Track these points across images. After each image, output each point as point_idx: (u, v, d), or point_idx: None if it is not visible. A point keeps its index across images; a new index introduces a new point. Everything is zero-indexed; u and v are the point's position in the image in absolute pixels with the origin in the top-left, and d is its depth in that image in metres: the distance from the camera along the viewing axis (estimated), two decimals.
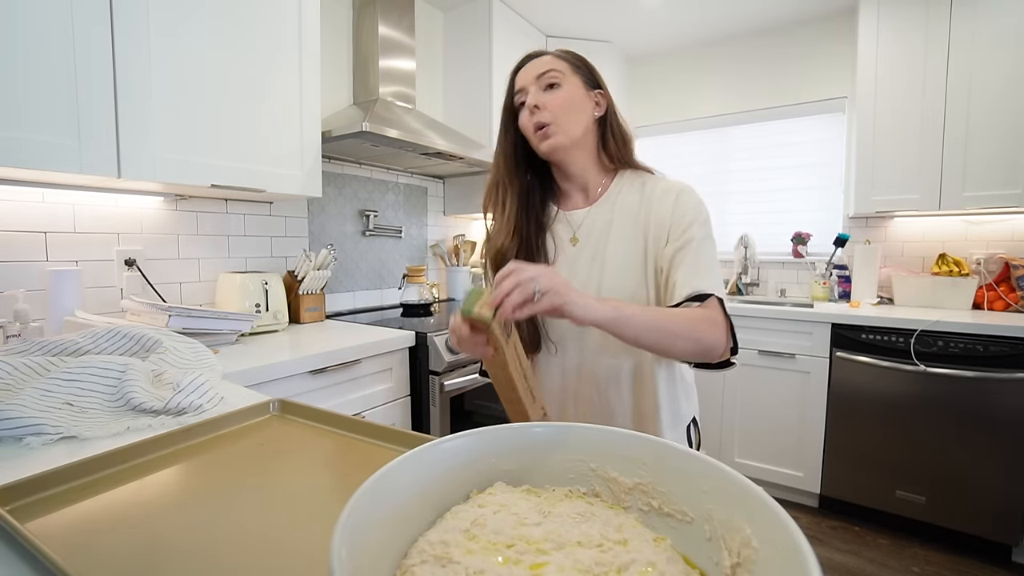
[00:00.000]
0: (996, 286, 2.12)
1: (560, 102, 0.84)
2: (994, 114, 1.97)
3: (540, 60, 0.87)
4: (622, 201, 0.88)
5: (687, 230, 0.81)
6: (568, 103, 0.85)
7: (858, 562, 1.87)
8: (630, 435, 0.42)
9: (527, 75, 0.87)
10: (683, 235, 0.81)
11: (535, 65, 0.87)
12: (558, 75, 0.85)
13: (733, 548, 0.32)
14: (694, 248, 0.80)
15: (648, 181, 0.89)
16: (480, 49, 2.38)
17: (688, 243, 0.80)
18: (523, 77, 0.87)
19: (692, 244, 0.80)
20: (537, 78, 0.85)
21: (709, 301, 0.76)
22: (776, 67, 2.72)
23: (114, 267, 1.43)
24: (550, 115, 0.84)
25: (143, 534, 0.44)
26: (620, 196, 0.89)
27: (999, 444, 1.78)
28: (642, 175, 0.90)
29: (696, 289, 0.76)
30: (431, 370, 1.63)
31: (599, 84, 0.90)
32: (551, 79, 0.85)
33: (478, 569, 0.30)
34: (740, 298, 2.69)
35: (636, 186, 0.89)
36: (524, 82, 0.87)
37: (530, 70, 0.87)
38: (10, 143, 0.98)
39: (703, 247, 0.80)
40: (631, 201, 0.88)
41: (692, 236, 0.80)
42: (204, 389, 0.79)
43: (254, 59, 1.41)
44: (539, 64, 0.86)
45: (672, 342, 0.71)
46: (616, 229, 0.87)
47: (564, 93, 0.85)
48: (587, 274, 0.87)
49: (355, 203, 2.15)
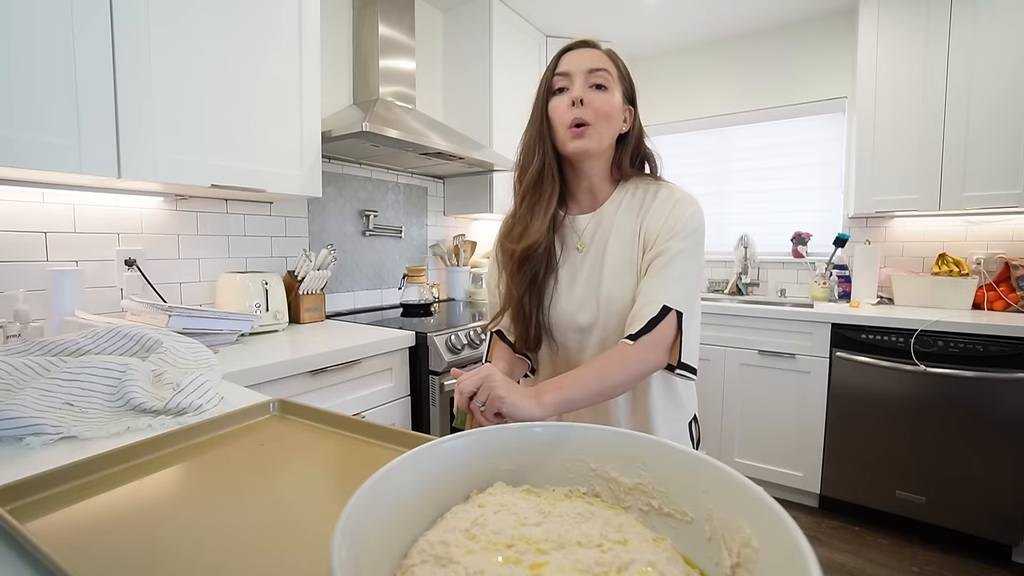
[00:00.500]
0: (996, 286, 2.12)
1: (605, 107, 0.82)
2: (994, 114, 1.97)
3: (593, 52, 0.83)
4: (624, 208, 0.87)
5: (668, 240, 0.80)
6: (611, 110, 0.83)
7: (858, 562, 1.87)
8: (630, 435, 0.42)
9: (577, 63, 0.82)
10: (662, 244, 0.80)
11: (587, 56, 0.83)
12: (608, 77, 0.82)
13: (733, 548, 0.32)
14: (667, 258, 0.79)
15: (652, 188, 0.87)
16: (480, 49, 2.38)
17: (662, 254, 0.80)
18: (572, 62, 0.83)
19: (665, 255, 0.80)
20: (588, 72, 0.82)
21: (666, 317, 0.76)
22: (776, 67, 2.72)
23: (114, 267, 1.43)
24: (592, 115, 0.81)
25: (143, 534, 0.44)
26: (623, 203, 0.88)
27: (999, 444, 1.78)
28: (648, 182, 0.89)
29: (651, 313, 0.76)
30: (431, 370, 1.63)
31: (633, 101, 0.88)
32: (601, 79, 0.82)
33: (478, 569, 0.30)
34: (740, 298, 2.69)
35: (639, 193, 0.88)
36: (572, 68, 0.82)
37: (582, 59, 0.83)
38: (10, 143, 0.98)
39: (676, 259, 0.79)
40: (632, 207, 0.87)
41: (669, 247, 0.80)
42: (204, 389, 0.79)
43: (254, 59, 1.41)
44: (592, 57, 0.83)
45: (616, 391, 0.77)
46: (615, 236, 0.86)
47: (609, 98, 0.82)
48: (587, 280, 0.88)
49: (355, 203, 2.15)
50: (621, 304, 0.84)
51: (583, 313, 0.87)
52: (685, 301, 0.78)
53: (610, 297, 0.84)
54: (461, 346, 1.68)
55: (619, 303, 0.84)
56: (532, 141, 0.88)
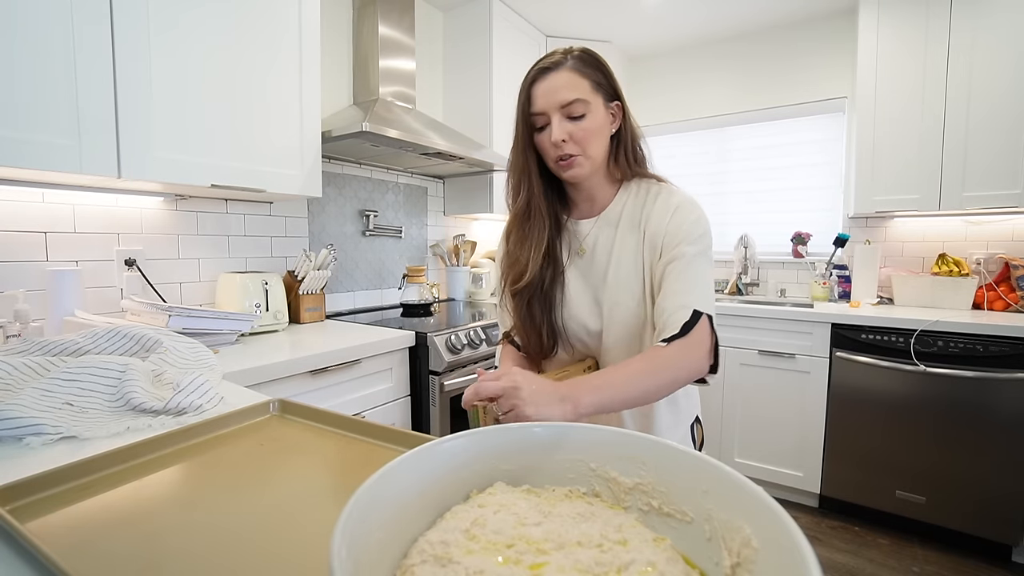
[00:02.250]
0: (996, 286, 2.12)
1: (587, 135, 0.81)
2: (994, 114, 1.97)
3: (561, 78, 0.80)
4: (626, 215, 0.87)
5: (678, 245, 0.80)
6: (593, 134, 0.81)
7: (858, 562, 1.87)
8: (630, 435, 0.42)
9: (548, 100, 0.80)
10: (674, 250, 0.80)
11: (558, 86, 0.80)
12: (582, 104, 0.80)
13: (733, 548, 0.32)
14: (683, 264, 0.78)
15: (652, 191, 0.87)
16: (480, 49, 2.38)
17: (679, 258, 0.79)
18: (545, 99, 0.81)
19: (683, 260, 0.78)
20: (561, 108, 0.80)
21: (699, 321, 0.75)
22: (776, 67, 2.72)
23: (114, 267, 1.43)
24: (577, 147, 0.81)
25: (143, 534, 0.44)
26: (625, 209, 0.87)
27: (999, 444, 1.78)
28: (649, 184, 0.88)
29: (683, 308, 0.75)
30: (431, 370, 1.63)
31: (617, 94, 0.85)
32: (576, 110, 0.80)
33: (478, 569, 0.30)
34: (740, 298, 2.69)
35: (640, 199, 0.87)
36: (546, 106, 0.80)
37: (552, 92, 0.80)
38: (10, 143, 0.98)
39: (693, 264, 0.78)
40: (634, 215, 0.86)
41: (683, 252, 0.79)
42: (204, 389, 0.79)
43: (254, 59, 1.41)
44: (562, 86, 0.80)
45: (656, 394, 0.73)
46: (619, 242, 0.86)
47: (589, 123, 0.81)
48: (592, 286, 0.88)
49: (355, 203, 2.15)
50: (624, 309, 0.84)
51: (592, 318, 0.87)
52: (710, 304, 0.77)
53: (614, 302, 0.85)
54: (461, 346, 1.68)
55: (622, 308, 0.84)
56: (519, 175, 0.88)
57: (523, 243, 0.89)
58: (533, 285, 0.87)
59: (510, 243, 0.91)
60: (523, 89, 0.84)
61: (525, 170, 0.87)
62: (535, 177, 0.87)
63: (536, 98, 0.82)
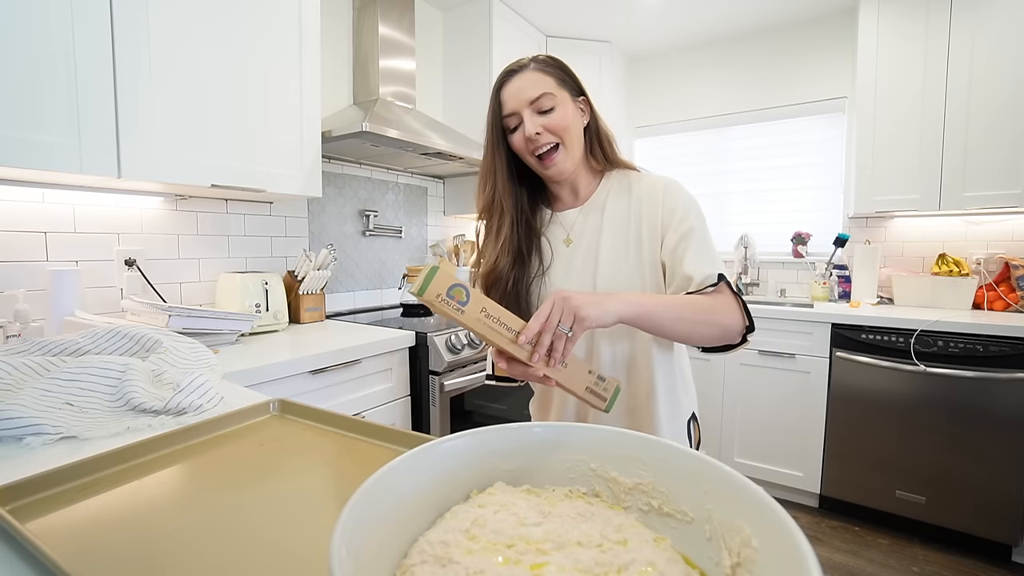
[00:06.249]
0: (996, 286, 2.12)
1: (560, 122, 0.83)
2: (994, 114, 1.97)
3: (527, 78, 0.84)
4: (612, 200, 0.90)
5: (683, 220, 0.82)
6: (568, 123, 0.84)
7: (858, 562, 1.87)
8: (630, 435, 0.42)
9: (517, 99, 0.84)
10: (681, 225, 0.82)
11: (524, 86, 0.83)
12: (550, 97, 0.83)
13: (733, 548, 0.32)
14: (697, 237, 0.81)
15: (634, 179, 0.90)
16: (480, 49, 2.38)
17: (689, 232, 0.81)
18: (512, 101, 0.84)
19: (694, 233, 0.81)
20: (531, 103, 0.83)
21: (720, 285, 0.78)
22: (776, 67, 2.72)
23: (114, 267, 1.43)
24: (553, 137, 0.84)
25: (143, 534, 0.44)
26: (609, 196, 0.90)
27: (999, 444, 1.77)
28: (628, 174, 0.92)
29: (710, 275, 0.77)
30: (431, 370, 1.63)
31: (582, 90, 0.89)
32: (545, 104, 0.83)
33: (478, 569, 0.30)
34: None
35: (624, 185, 0.90)
36: (516, 105, 0.84)
37: (520, 93, 0.83)
38: (10, 143, 0.98)
39: (704, 235, 0.82)
40: (620, 200, 0.89)
41: (691, 226, 0.82)
42: (204, 389, 0.79)
43: (255, 59, 1.41)
44: (528, 85, 0.83)
45: (693, 329, 0.74)
46: (607, 227, 0.88)
47: (561, 114, 0.84)
48: (581, 272, 0.89)
49: (355, 203, 2.15)
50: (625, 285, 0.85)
51: None
52: (725, 270, 0.80)
53: (607, 287, 0.86)
54: (461, 346, 1.68)
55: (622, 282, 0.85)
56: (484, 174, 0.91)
57: (489, 238, 0.92)
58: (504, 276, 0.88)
59: (479, 241, 0.94)
60: (493, 97, 0.88)
61: (491, 170, 0.90)
62: (500, 175, 0.89)
63: (506, 101, 0.85)
